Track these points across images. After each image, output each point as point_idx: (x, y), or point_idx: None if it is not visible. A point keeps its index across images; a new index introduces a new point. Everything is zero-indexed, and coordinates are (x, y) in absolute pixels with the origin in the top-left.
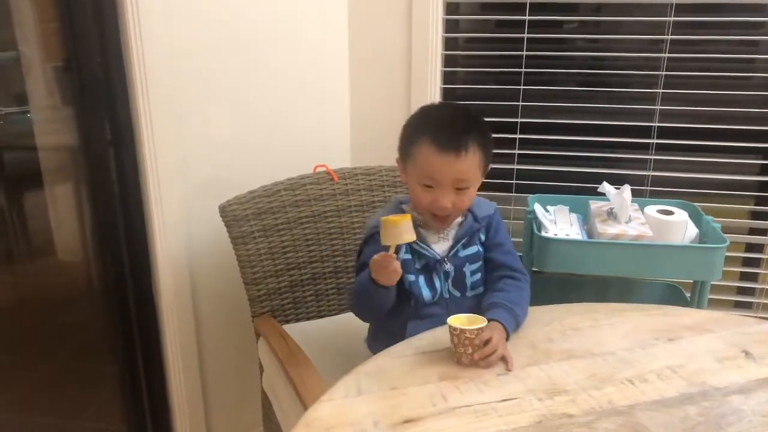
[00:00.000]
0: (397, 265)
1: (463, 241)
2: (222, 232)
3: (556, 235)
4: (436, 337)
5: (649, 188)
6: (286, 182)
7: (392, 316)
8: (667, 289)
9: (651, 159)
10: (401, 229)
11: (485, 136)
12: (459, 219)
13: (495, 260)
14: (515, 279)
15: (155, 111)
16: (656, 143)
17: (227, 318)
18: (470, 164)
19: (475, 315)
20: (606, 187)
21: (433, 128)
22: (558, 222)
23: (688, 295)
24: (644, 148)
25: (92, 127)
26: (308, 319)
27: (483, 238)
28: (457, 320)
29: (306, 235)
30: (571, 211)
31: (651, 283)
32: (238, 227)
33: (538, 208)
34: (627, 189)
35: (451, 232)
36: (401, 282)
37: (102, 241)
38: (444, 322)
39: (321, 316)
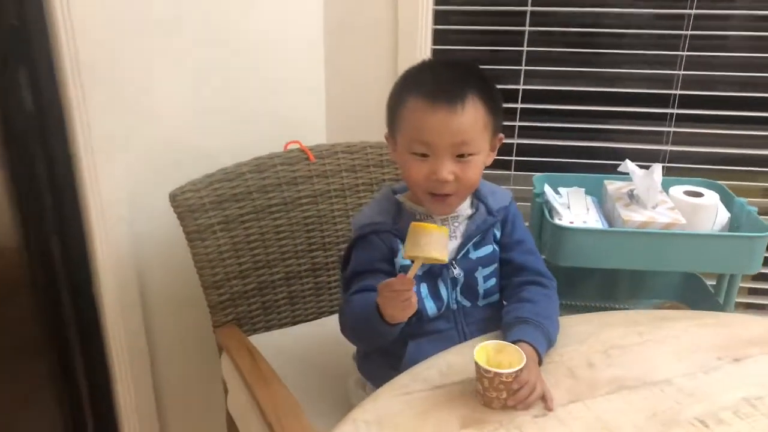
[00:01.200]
0: (413, 296)
1: (475, 239)
2: (174, 223)
3: (572, 222)
4: (448, 363)
5: (666, 165)
6: (252, 163)
7: None
8: (682, 276)
9: (670, 131)
10: (432, 239)
11: (488, 90)
12: (469, 211)
13: (515, 262)
14: (542, 286)
15: (87, 75)
16: (676, 113)
17: (185, 325)
18: (471, 121)
19: (503, 342)
20: (629, 165)
21: (421, 82)
22: (572, 206)
23: (709, 283)
24: (661, 119)
25: (9, 91)
26: (281, 326)
27: (498, 235)
28: (483, 352)
29: (277, 227)
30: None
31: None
32: (193, 219)
33: (548, 190)
34: (658, 169)
35: (460, 229)
36: None
37: (28, 228)
38: (452, 339)
39: (297, 323)
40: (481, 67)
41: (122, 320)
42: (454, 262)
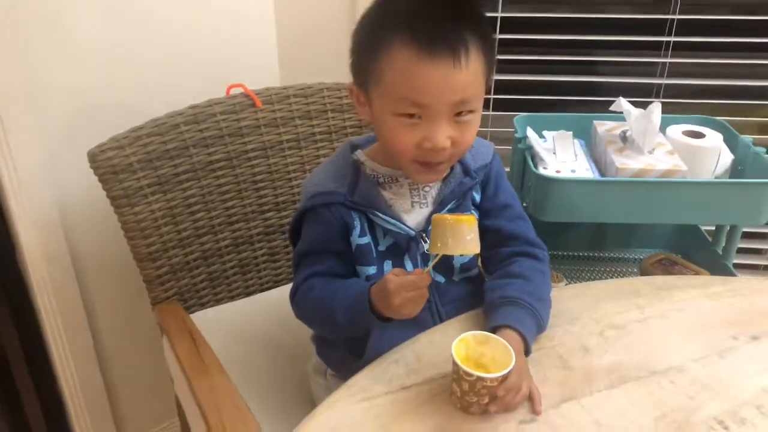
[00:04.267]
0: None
1: (450, 205)
2: None
3: (558, 172)
4: (416, 354)
5: (661, 100)
6: (188, 113)
7: None
8: (677, 225)
9: (666, 62)
10: (464, 233)
11: (484, 26)
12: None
13: (502, 230)
14: (534, 258)
15: None
16: (673, 42)
17: (128, 300)
18: (474, 73)
19: (487, 334)
20: (623, 104)
21: (410, 20)
22: (559, 153)
23: (705, 229)
24: (656, 48)
25: None
26: (232, 299)
27: (478, 198)
28: (462, 346)
29: (221, 186)
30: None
31: None
32: (118, 182)
33: (531, 134)
34: (657, 108)
35: (431, 193)
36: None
37: None
38: (424, 321)
39: (250, 294)
40: None
41: (55, 295)
42: (424, 234)
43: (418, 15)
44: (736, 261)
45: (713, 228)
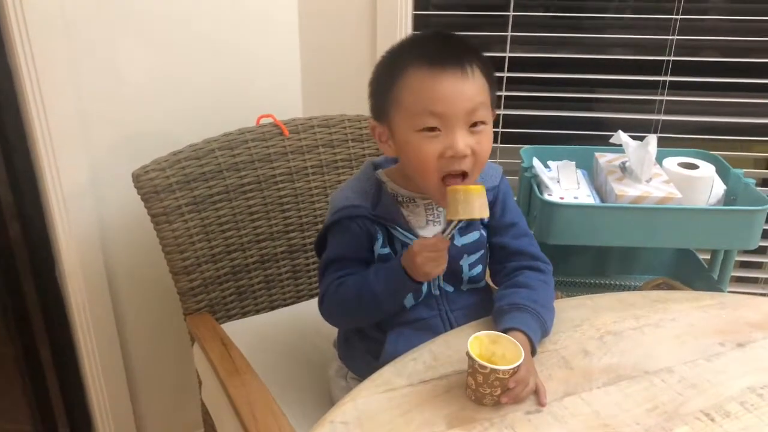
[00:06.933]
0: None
1: (460, 224)
2: (142, 204)
3: (562, 198)
4: (433, 354)
5: (658, 135)
6: (222, 139)
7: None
8: (675, 252)
9: (662, 100)
10: (474, 200)
11: (485, 60)
12: None
13: (509, 247)
14: (539, 270)
15: (39, 45)
16: (669, 81)
17: (157, 311)
18: (480, 85)
19: (499, 333)
20: (622, 137)
21: (421, 49)
22: (562, 181)
23: (701, 257)
24: (654, 87)
25: None
26: (257, 312)
27: (486, 218)
28: (476, 344)
29: (251, 207)
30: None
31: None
32: (159, 201)
33: (537, 164)
34: (653, 140)
35: (443, 213)
36: None
37: None
38: (435, 327)
39: (274, 308)
40: (465, 33)
41: (89, 307)
42: None
43: (428, 46)
44: (735, 290)
45: (709, 256)
